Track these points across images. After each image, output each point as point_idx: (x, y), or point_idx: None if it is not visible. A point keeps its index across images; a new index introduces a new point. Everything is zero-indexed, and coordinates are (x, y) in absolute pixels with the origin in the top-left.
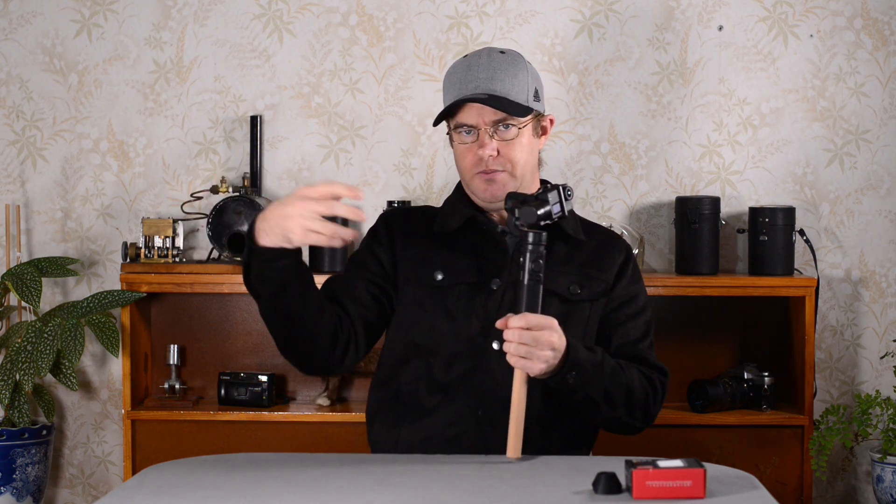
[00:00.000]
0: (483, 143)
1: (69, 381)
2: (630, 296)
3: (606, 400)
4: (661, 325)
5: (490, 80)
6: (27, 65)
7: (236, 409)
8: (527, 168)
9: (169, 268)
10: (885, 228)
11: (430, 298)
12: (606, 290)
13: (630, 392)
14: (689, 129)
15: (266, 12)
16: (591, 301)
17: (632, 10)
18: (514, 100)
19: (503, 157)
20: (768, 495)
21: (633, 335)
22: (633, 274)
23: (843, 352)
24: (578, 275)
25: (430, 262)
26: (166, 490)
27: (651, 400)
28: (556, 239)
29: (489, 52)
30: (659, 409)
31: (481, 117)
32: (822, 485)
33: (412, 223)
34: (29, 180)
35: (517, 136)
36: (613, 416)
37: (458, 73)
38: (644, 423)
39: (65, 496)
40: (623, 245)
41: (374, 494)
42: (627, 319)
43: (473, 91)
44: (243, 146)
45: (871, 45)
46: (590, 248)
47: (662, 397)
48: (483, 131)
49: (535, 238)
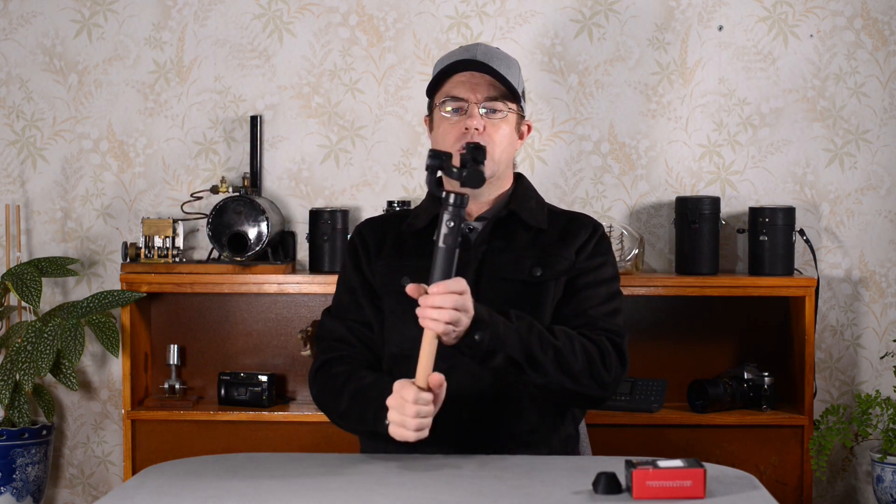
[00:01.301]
0: (472, 114)
1: (69, 381)
2: (590, 267)
3: (531, 363)
4: (661, 325)
5: (488, 58)
6: (27, 65)
7: (236, 409)
8: (503, 156)
9: (169, 268)
10: (885, 228)
11: (401, 306)
12: (569, 266)
13: (563, 355)
14: (689, 129)
15: (266, 12)
16: (554, 280)
17: (632, 10)
18: (510, 81)
19: (487, 135)
20: (768, 495)
21: (587, 304)
22: (596, 247)
23: (843, 352)
24: (539, 257)
25: (398, 269)
26: (166, 490)
27: (600, 362)
28: (519, 228)
29: (486, 44)
30: (616, 373)
31: (474, 92)
32: (822, 485)
33: (382, 233)
34: (29, 180)
35: (503, 120)
36: (548, 383)
37: (456, 51)
38: (598, 389)
39: (65, 496)
40: (588, 222)
41: (374, 494)
42: (583, 289)
43: (471, 58)
44: (243, 146)
45: (871, 45)
46: (554, 233)
47: (619, 360)
48: (472, 105)
49: (455, 200)
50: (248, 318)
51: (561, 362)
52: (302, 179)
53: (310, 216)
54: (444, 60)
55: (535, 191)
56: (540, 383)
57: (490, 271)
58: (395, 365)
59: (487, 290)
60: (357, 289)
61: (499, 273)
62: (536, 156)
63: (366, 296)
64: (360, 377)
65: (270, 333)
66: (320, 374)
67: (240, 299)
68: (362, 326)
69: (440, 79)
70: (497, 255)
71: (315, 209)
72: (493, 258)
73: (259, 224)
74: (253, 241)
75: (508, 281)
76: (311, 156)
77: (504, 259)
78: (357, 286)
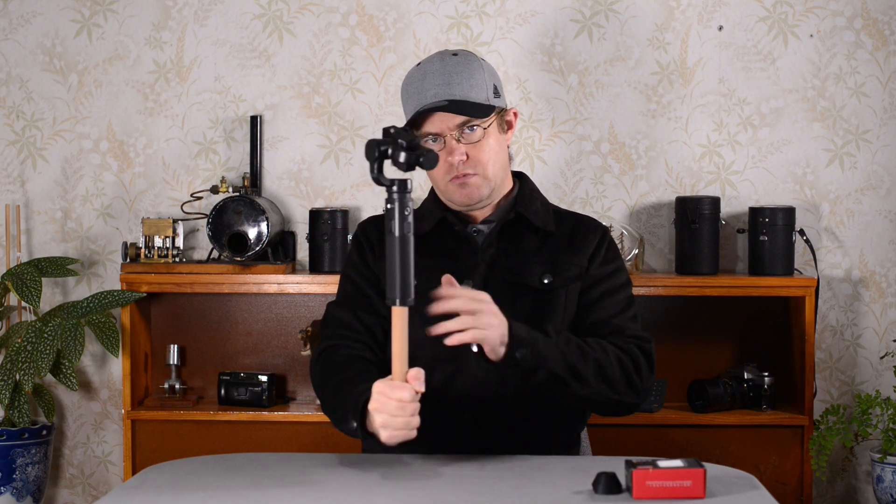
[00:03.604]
0: (451, 149)
1: (69, 381)
2: (604, 274)
3: (574, 375)
4: (661, 325)
5: (447, 86)
6: (27, 65)
7: (236, 409)
8: (497, 167)
9: (169, 268)
10: (885, 228)
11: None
12: (580, 273)
13: (602, 366)
14: (689, 129)
15: (266, 12)
16: (564, 288)
17: (632, 10)
18: (474, 100)
19: (473, 161)
20: (768, 495)
21: (609, 311)
22: (607, 254)
23: (843, 352)
24: (549, 263)
25: None
26: (166, 490)
27: (633, 370)
28: (526, 231)
29: (441, 57)
30: (648, 378)
31: (444, 123)
32: (822, 485)
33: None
34: (29, 180)
35: (483, 136)
36: (590, 394)
37: (414, 83)
38: (634, 396)
39: (65, 496)
40: (597, 227)
41: (374, 494)
42: (602, 297)
43: (432, 99)
44: (243, 146)
45: (871, 45)
46: (562, 236)
47: (649, 366)
48: (449, 137)
49: (400, 186)
50: (248, 318)
51: (601, 373)
52: (302, 179)
53: (310, 216)
54: (408, 94)
55: (539, 192)
56: (583, 395)
57: (499, 275)
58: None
59: (496, 294)
60: (363, 281)
61: (508, 277)
62: (536, 156)
63: (372, 288)
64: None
65: (270, 333)
66: (319, 360)
67: (240, 299)
68: (368, 314)
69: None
70: (505, 258)
71: (315, 209)
72: (502, 262)
73: (259, 224)
74: (253, 241)
75: (517, 286)
76: (311, 156)
77: (512, 263)
78: (363, 279)
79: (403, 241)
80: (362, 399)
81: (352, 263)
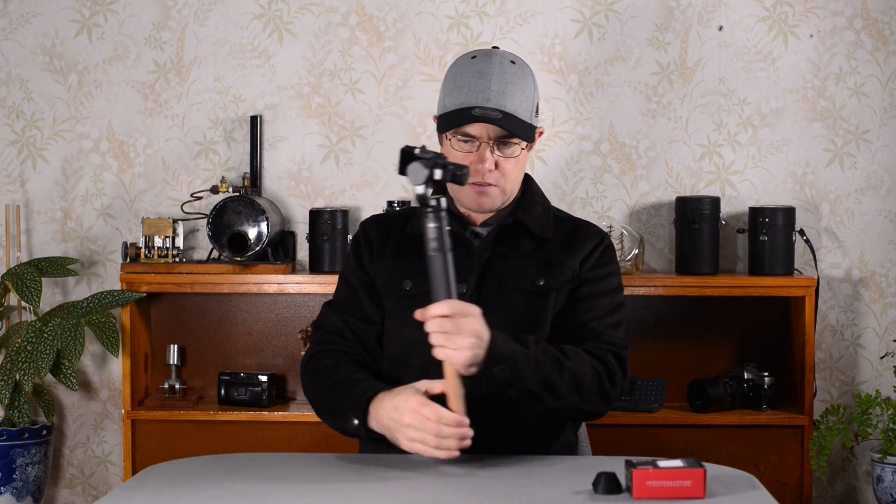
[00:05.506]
0: (483, 157)
1: (69, 381)
2: (594, 277)
3: (549, 390)
4: (661, 325)
5: (502, 94)
6: (27, 65)
7: (236, 409)
8: (517, 182)
9: (169, 268)
10: (885, 228)
11: (402, 308)
12: (573, 276)
13: (577, 377)
14: (689, 129)
15: (266, 12)
16: (556, 290)
17: (632, 10)
18: (523, 118)
19: (500, 173)
20: (768, 495)
21: (591, 314)
22: (601, 257)
23: (843, 352)
24: (544, 266)
25: (400, 271)
26: (166, 490)
27: (606, 380)
28: (523, 235)
29: (501, 62)
30: (619, 387)
31: (487, 132)
32: (822, 485)
33: (386, 232)
34: (29, 180)
35: (517, 154)
36: (563, 405)
37: (468, 77)
38: (604, 405)
39: (65, 496)
40: (595, 233)
41: (374, 494)
42: (587, 298)
43: (484, 103)
44: (243, 146)
45: (871, 45)
46: (558, 241)
47: (623, 374)
48: (485, 145)
49: (436, 203)
50: (247, 318)
51: (575, 385)
52: (302, 179)
53: (310, 216)
54: (457, 85)
55: (542, 195)
56: (555, 406)
57: (493, 278)
58: (394, 367)
59: (489, 297)
60: (358, 284)
61: (502, 281)
62: (536, 156)
63: (366, 292)
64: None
65: (270, 333)
66: (309, 365)
67: (240, 299)
68: (360, 321)
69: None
70: (500, 262)
71: (315, 209)
72: (497, 265)
73: (259, 224)
74: (253, 241)
75: (511, 289)
76: (311, 156)
77: (507, 267)
78: (358, 282)
79: (441, 259)
80: (364, 397)
81: (349, 265)
